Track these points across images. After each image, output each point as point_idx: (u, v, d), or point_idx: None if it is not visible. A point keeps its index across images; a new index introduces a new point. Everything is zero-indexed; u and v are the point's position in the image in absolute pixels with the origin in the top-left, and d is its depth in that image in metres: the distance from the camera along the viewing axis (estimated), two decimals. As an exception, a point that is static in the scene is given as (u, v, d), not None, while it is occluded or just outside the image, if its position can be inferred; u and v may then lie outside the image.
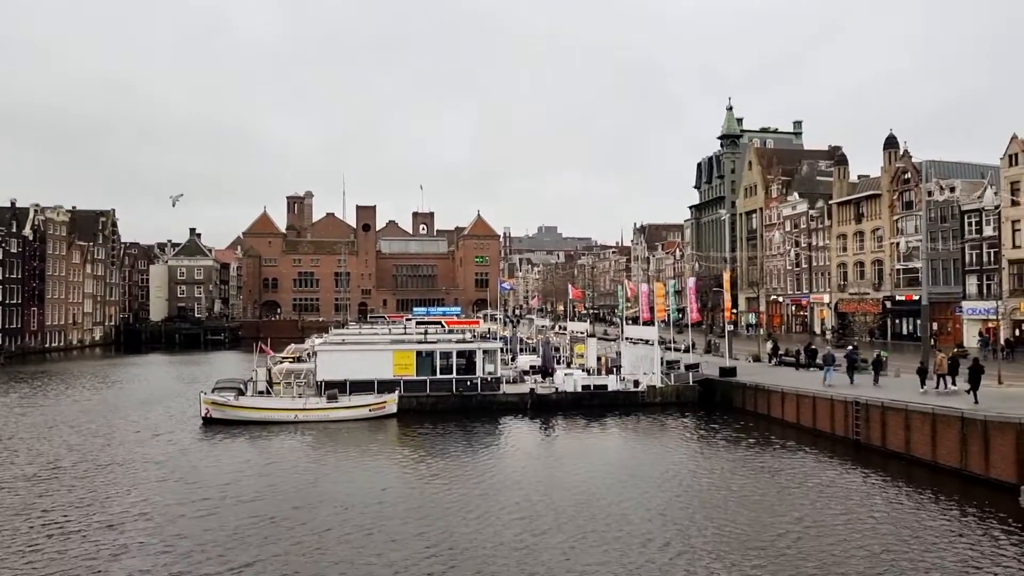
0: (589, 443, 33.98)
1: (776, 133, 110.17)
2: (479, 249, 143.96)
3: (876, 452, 29.78)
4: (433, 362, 42.03)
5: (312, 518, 21.68)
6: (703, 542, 19.54)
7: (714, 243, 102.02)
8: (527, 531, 20.43)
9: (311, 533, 20.36)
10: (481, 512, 22.17)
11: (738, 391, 41.60)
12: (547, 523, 21.12)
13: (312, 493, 24.50)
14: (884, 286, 70.30)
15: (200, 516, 21.96)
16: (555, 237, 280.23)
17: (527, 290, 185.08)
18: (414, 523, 21.16)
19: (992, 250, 59.28)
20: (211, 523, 21.28)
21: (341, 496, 24.03)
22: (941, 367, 32.20)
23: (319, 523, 21.20)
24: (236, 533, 20.35)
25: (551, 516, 21.71)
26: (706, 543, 19.45)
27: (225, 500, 23.66)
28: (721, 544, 19.39)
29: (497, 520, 21.41)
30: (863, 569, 17.67)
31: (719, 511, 22.31)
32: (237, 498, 23.86)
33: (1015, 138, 57.42)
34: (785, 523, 21.06)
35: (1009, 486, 22.70)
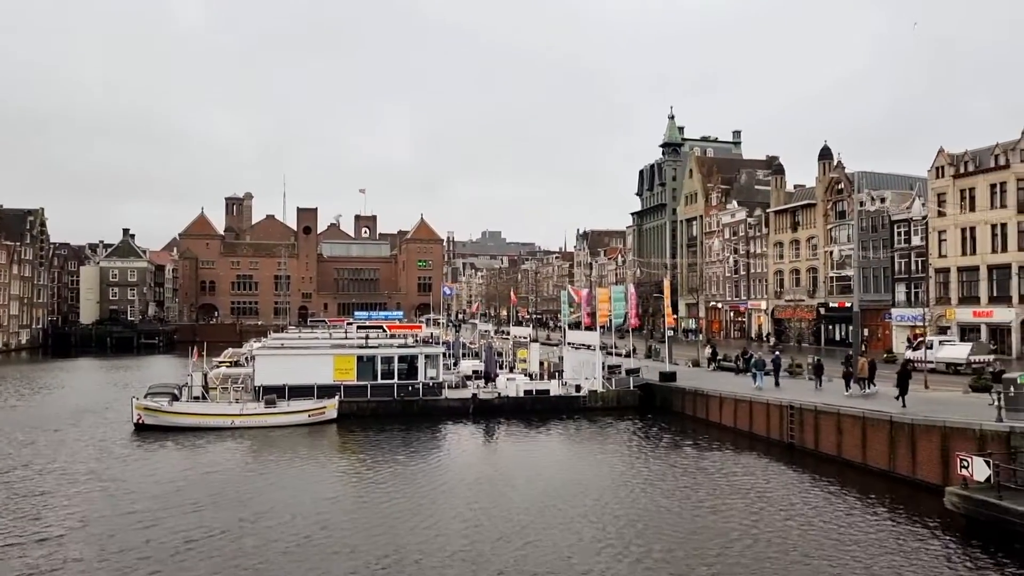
0: (532, 448, 34.02)
1: (716, 142, 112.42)
2: (422, 253, 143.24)
3: (809, 455, 30.51)
4: (374, 367, 41.60)
5: (255, 530, 21.03)
6: (648, 546, 19.69)
7: (656, 249, 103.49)
8: (479, 539, 20.19)
9: (255, 546, 19.67)
10: (430, 521, 21.82)
11: (677, 395, 42.21)
12: (497, 531, 20.97)
13: (253, 503, 23.81)
14: (818, 293, 72.23)
15: (139, 529, 21.06)
16: (499, 242, 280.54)
17: (471, 295, 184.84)
18: (362, 533, 20.75)
19: (920, 259, 61.46)
20: (151, 536, 20.43)
21: (283, 506, 23.39)
22: (862, 371, 33.74)
23: (263, 535, 20.56)
24: (178, 546, 19.55)
25: (500, 524, 21.55)
26: (650, 547, 19.60)
27: (163, 511, 22.76)
28: (664, 547, 19.58)
29: (447, 528, 21.14)
30: (797, 569, 18.05)
31: (661, 515, 22.56)
32: (176, 509, 23.00)
33: (941, 151, 59.69)
34: (723, 525, 21.40)
35: (934, 487, 23.47)
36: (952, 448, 23.61)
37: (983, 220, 55.68)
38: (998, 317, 54.69)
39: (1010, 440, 22.52)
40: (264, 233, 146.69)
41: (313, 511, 22.81)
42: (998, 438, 22.87)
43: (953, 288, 58.18)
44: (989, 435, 23.21)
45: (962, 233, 57.49)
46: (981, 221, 55.83)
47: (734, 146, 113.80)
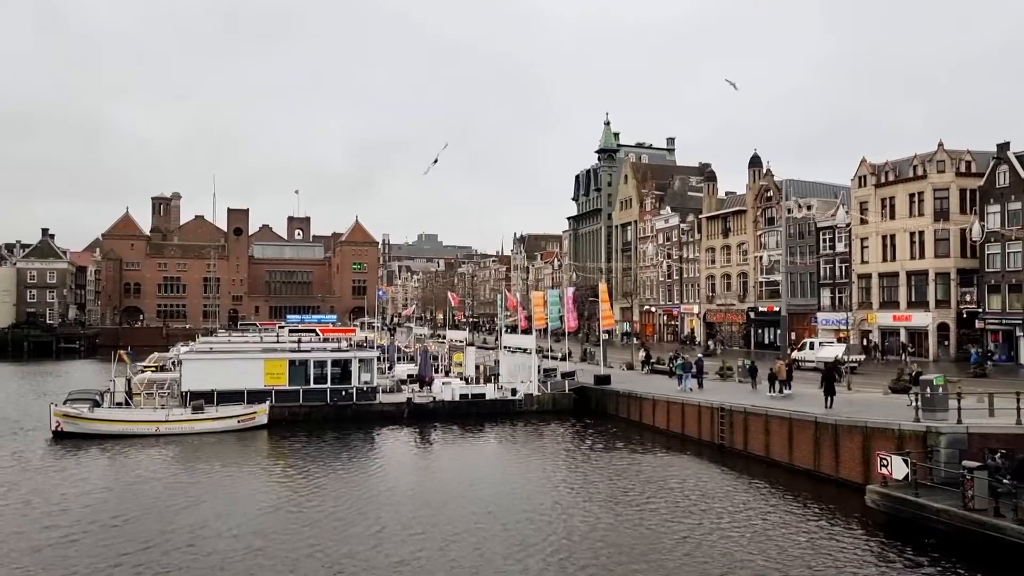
0: (468, 453, 33.93)
1: (651, 149, 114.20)
2: (357, 256, 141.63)
3: (739, 455, 31.19)
4: (307, 371, 40.88)
5: (185, 543, 20.18)
6: (580, 549, 19.81)
7: (592, 254, 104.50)
8: (417, 547, 19.94)
9: (186, 561, 18.82)
10: (368, 530, 21.30)
11: (612, 398, 42.66)
12: (433, 538, 20.75)
13: (182, 515, 22.87)
14: (748, 297, 74.00)
15: (60, 545, 19.97)
16: (435, 245, 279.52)
17: (406, 298, 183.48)
18: (298, 544, 20.17)
19: (844, 265, 63.56)
20: (71, 553, 19.38)
21: (214, 517, 22.60)
22: (780, 373, 35.10)
23: (194, 548, 19.73)
24: (102, 564, 18.57)
25: (436, 531, 21.32)
26: (582, 550, 19.73)
27: (85, 526, 21.67)
28: (595, 549, 19.73)
29: (385, 537, 20.70)
30: (723, 566, 18.41)
31: (594, 518, 22.69)
32: (99, 523, 21.92)
33: (864, 162, 61.92)
34: (653, 527, 21.67)
35: (856, 485, 24.23)
36: (873, 448, 24.43)
37: (902, 228, 57.92)
38: (916, 321, 56.92)
39: (926, 439, 23.41)
40: (193, 234, 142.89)
41: (245, 522, 22.17)
42: (916, 437, 23.75)
43: (875, 293, 60.34)
44: (907, 435, 24.08)
45: (883, 240, 59.68)
46: (900, 229, 58.06)
47: (668, 153, 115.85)
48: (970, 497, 19.33)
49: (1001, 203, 51.82)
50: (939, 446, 23.00)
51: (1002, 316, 51.68)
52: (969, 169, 55.55)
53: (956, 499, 19.76)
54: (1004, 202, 51.63)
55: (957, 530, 19.23)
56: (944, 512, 19.65)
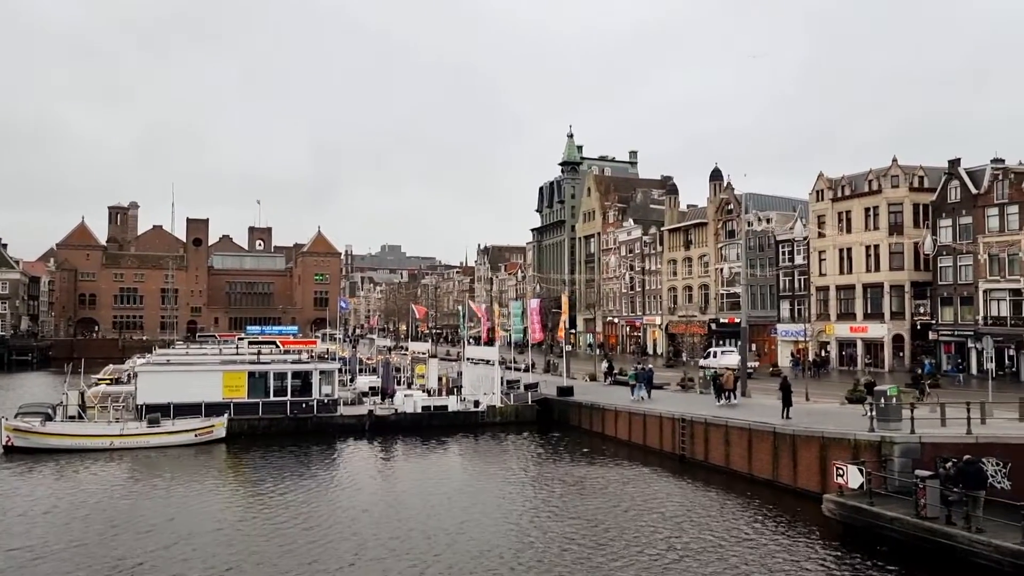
0: (429, 466, 33.70)
1: (613, 162, 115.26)
2: (319, 266, 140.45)
3: (700, 466, 31.42)
4: (266, 383, 40.34)
5: (141, 560, 19.69)
6: (543, 564, 19.75)
7: (555, 265, 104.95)
8: (378, 565, 19.75)
9: None
10: (328, 548, 21.04)
11: (575, 410, 42.76)
12: (394, 554, 20.58)
13: (136, 531, 22.28)
14: (709, 309, 74.82)
15: (10, 570, 19.27)
16: (399, 256, 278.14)
17: (369, 309, 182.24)
18: (257, 561, 19.80)
19: (802, 277, 64.65)
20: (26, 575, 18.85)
21: (170, 533, 22.05)
22: (728, 383, 36.04)
23: (151, 567, 19.20)
24: None
25: (396, 546, 21.12)
26: (546, 564, 19.67)
27: (39, 543, 21.00)
28: (558, 564, 19.69)
29: (346, 554, 20.40)
30: (685, 572, 18.53)
31: (556, 532, 22.67)
32: (51, 542, 21.19)
33: (821, 176, 63.15)
34: (615, 538, 21.69)
35: (814, 495, 24.55)
36: (830, 457, 24.82)
37: (858, 241, 59.11)
38: (872, 332, 58.04)
39: (881, 449, 23.84)
40: (151, 244, 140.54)
41: (202, 538, 21.72)
42: (870, 447, 24.18)
43: (832, 305, 61.43)
44: (863, 444, 24.50)
45: (840, 253, 60.85)
46: (857, 242, 59.25)
47: (630, 166, 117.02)
48: (922, 505, 19.71)
49: (952, 217, 53.19)
50: (893, 455, 23.44)
51: (954, 328, 52.94)
52: (922, 184, 56.97)
53: (909, 507, 20.14)
54: (955, 216, 53.01)
55: (910, 538, 19.59)
56: (898, 520, 20.01)
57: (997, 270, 50.07)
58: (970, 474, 19.26)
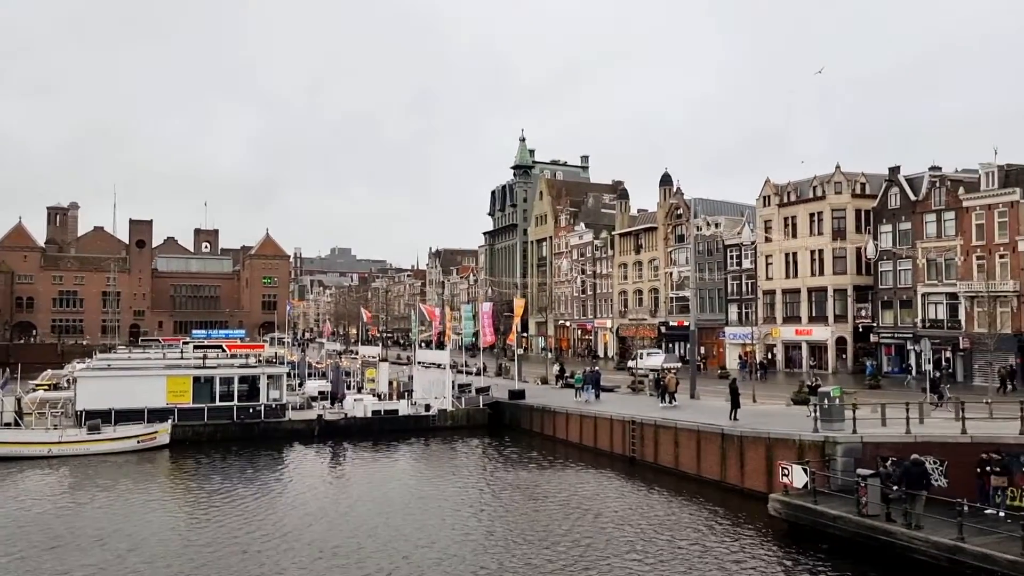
0: (380, 471, 33.38)
1: (565, 166, 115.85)
2: (267, 269, 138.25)
3: (650, 468, 31.72)
4: (212, 388, 39.55)
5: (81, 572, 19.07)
6: (492, 568, 19.67)
7: (507, 269, 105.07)
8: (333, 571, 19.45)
9: None
10: (274, 557, 20.72)
11: (526, 413, 42.81)
12: (343, 562, 20.30)
13: (76, 542, 21.54)
14: (659, 312, 75.67)
15: None
16: (349, 259, 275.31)
17: (319, 313, 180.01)
18: (201, 571, 19.33)
19: (750, 281, 65.81)
20: None
21: (111, 544, 21.36)
22: (670, 385, 36.83)
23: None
24: None
25: (346, 553, 20.84)
26: (496, 569, 19.59)
27: None
28: (509, 568, 19.64)
29: (293, 563, 20.06)
30: (635, 572, 18.65)
31: (512, 535, 22.65)
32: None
33: (768, 182, 64.40)
34: (564, 541, 21.74)
35: (760, 494, 24.97)
36: (776, 458, 25.28)
37: (804, 246, 60.44)
38: (817, 335, 59.37)
39: (824, 449, 24.37)
40: (92, 246, 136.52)
41: (151, 549, 21.05)
42: (815, 447, 24.69)
43: (778, 308, 62.67)
44: (807, 445, 25.01)
45: (786, 258, 62.11)
46: (802, 247, 60.57)
47: (582, 170, 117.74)
48: (864, 503, 20.21)
49: (893, 223, 54.74)
50: (836, 455, 23.97)
51: (894, 330, 54.43)
52: (864, 191, 58.50)
53: (851, 506, 20.63)
54: (895, 222, 54.56)
55: (852, 535, 20.05)
56: (840, 518, 20.47)
57: (935, 275, 51.65)
58: (915, 474, 19.84)
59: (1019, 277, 46.39)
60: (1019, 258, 46.56)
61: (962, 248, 49.76)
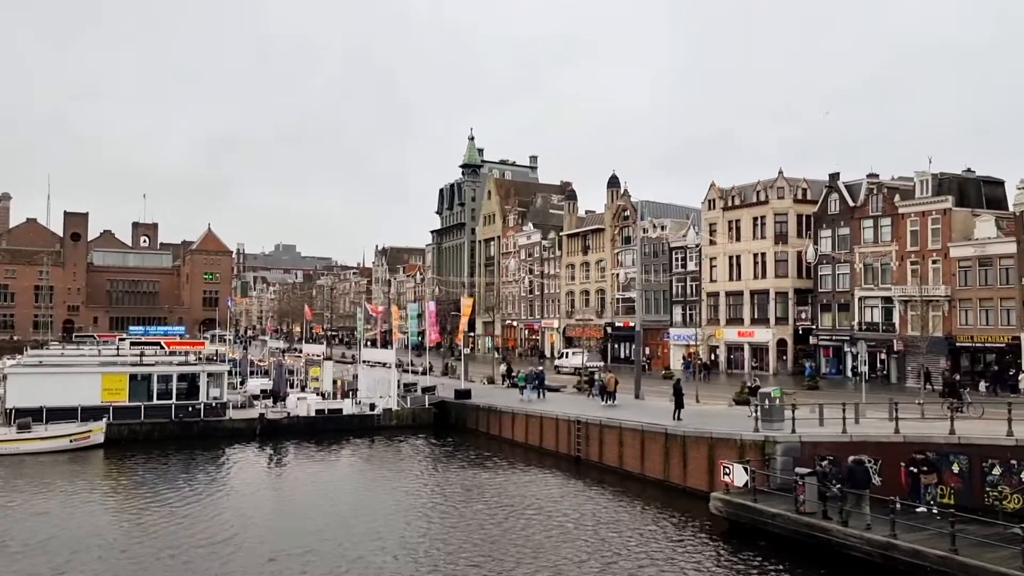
0: (323, 471, 32.92)
1: (514, 166, 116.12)
2: (209, 265, 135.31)
3: (594, 467, 31.92)
4: (150, 386, 38.61)
5: None
6: (435, 568, 19.55)
7: (455, 268, 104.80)
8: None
9: None
10: (211, 559, 20.19)
11: (472, 412, 42.72)
12: (286, 564, 19.92)
13: (15, 551, 20.53)
14: (606, 313, 76.36)
15: None
16: (293, 256, 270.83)
17: (262, 310, 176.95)
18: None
19: (694, 283, 66.86)
20: None
21: (40, 547, 20.57)
22: (610, 385, 37.51)
23: None
24: None
25: (288, 557, 20.45)
26: (438, 571, 19.47)
27: None
28: (461, 570, 19.55)
29: (231, 566, 19.59)
30: (579, 572, 18.72)
31: (450, 536, 22.53)
32: None
33: (713, 185, 65.51)
34: (508, 542, 21.73)
35: (702, 493, 25.32)
36: (717, 457, 25.67)
37: (747, 250, 61.66)
38: (758, 337, 60.61)
39: (764, 448, 24.85)
40: (24, 238, 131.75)
41: (79, 555, 20.29)
42: (755, 446, 25.16)
43: (722, 310, 63.80)
44: (748, 444, 25.47)
45: (730, 261, 63.28)
46: (745, 250, 61.79)
47: (531, 170, 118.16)
48: (802, 502, 20.66)
49: (832, 228, 56.23)
50: (775, 454, 24.47)
51: (832, 333, 55.90)
52: (805, 196, 59.93)
53: (790, 504, 21.07)
54: (835, 227, 56.06)
55: (791, 532, 20.48)
56: (779, 516, 20.89)
57: (871, 279, 53.20)
58: (859, 473, 20.40)
59: (950, 282, 48.09)
60: (951, 264, 48.25)
61: (897, 253, 51.38)
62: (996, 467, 21.43)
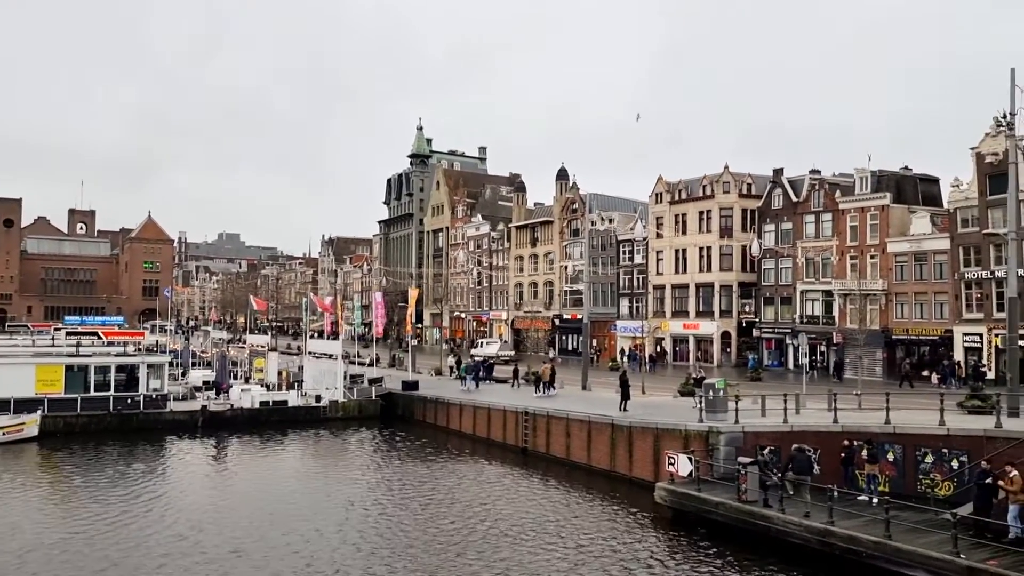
0: (266, 464, 32.41)
1: (463, 157, 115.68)
2: (149, 254, 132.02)
3: (541, 458, 32.07)
4: (87, 378, 37.51)
5: None
6: (379, 563, 19.41)
7: (403, 259, 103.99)
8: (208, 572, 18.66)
9: None
10: (150, 555, 19.71)
11: (419, 404, 42.54)
12: (224, 562, 19.54)
13: None
14: (554, 305, 76.67)
15: None
16: (237, 245, 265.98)
17: (204, 300, 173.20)
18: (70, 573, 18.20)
19: (641, 276, 67.57)
20: None
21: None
22: (545, 375, 38.03)
23: None
24: None
25: (228, 555, 20.06)
26: (383, 564, 19.34)
27: None
28: (395, 563, 19.43)
29: (172, 562, 19.10)
30: (525, 563, 18.77)
31: (398, 528, 22.41)
32: None
33: (660, 179, 66.22)
34: (454, 535, 21.70)
35: (648, 484, 25.63)
36: (663, 447, 26.03)
37: (693, 243, 62.52)
38: (703, 329, 61.56)
39: (708, 438, 25.28)
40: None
41: (8, 548, 19.68)
42: (699, 437, 25.58)
43: (668, 303, 64.61)
44: (692, 434, 25.88)
45: (676, 254, 64.09)
46: (691, 244, 62.65)
47: (480, 161, 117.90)
48: (744, 490, 21.08)
49: (776, 223, 57.38)
50: (719, 444, 24.90)
51: (775, 325, 57.10)
52: (750, 191, 61.01)
53: (732, 493, 21.49)
54: (778, 222, 57.21)
55: (733, 521, 20.89)
56: (722, 505, 21.29)
57: (812, 273, 54.47)
58: (802, 461, 20.89)
59: (887, 276, 49.52)
60: (888, 259, 49.69)
61: (837, 248, 52.68)
62: (929, 455, 22.15)
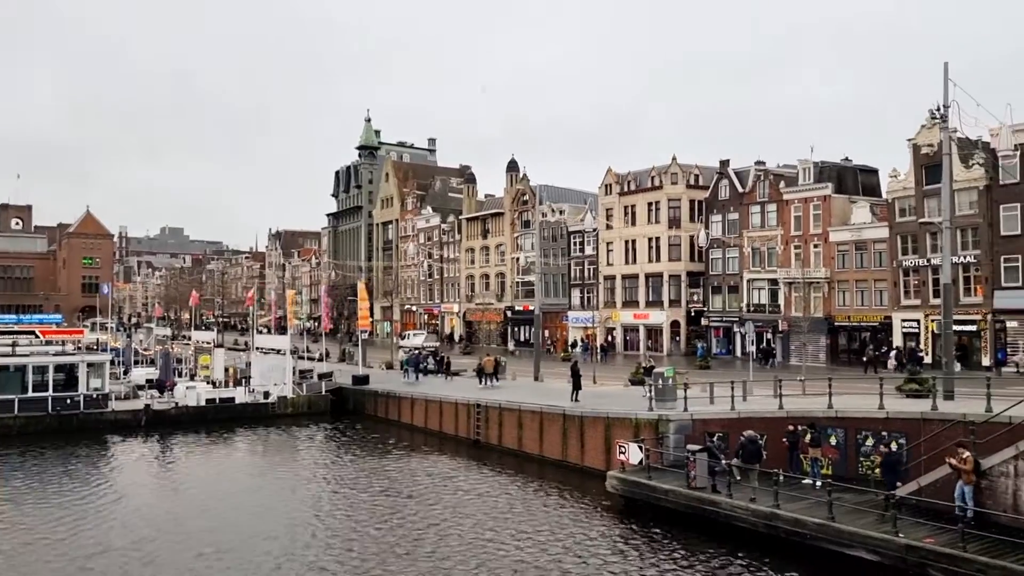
0: (212, 462, 31.80)
1: (412, 148, 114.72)
2: (88, 250, 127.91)
3: (494, 450, 32.08)
4: (24, 378, 36.32)
5: None
6: (330, 560, 19.18)
7: (352, 252, 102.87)
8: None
9: None
10: (91, 560, 19.15)
11: (370, 398, 42.20)
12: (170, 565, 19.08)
13: None
14: (506, 297, 76.69)
15: None
16: (181, 240, 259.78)
17: (147, 296, 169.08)
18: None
19: (592, 267, 67.96)
20: None
21: None
22: (487, 367, 38.39)
23: None
24: None
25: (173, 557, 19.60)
26: (334, 562, 19.10)
27: None
28: (346, 560, 19.23)
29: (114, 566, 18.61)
30: (479, 555, 18.74)
31: (351, 524, 22.17)
32: None
33: (610, 171, 66.63)
34: (405, 529, 21.59)
35: (599, 472, 25.85)
36: (614, 436, 26.24)
37: (642, 234, 63.09)
38: (653, 319, 62.22)
39: (658, 426, 25.55)
40: None
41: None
42: (649, 425, 25.84)
43: (618, 293, 65.14)
44: (643, 423, 26.13)
45: (626, 245, 64.60)
46: (640, 235, 63.20)
47: (429, 153, 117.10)
48: (693, 477, 21.36)
49: (723, 213, 58.20)
50: (668, 432, 25.19)
51: (723, 314, 57.99)
52: (697, 182, 61.76)
53: (682, 479, 21.76)
54: (725, 212, 58.04)
55: (683, 507, 21.16)
56: (672, 492, 21.54)
57: (758, 262, 55.44)
58: (751, 449, 21.24)
59: (830, 265, 50.64)
60: (831, 248, 50.80)
61: (782, 237, 53.68)
62: (869, 438, 22.71)
